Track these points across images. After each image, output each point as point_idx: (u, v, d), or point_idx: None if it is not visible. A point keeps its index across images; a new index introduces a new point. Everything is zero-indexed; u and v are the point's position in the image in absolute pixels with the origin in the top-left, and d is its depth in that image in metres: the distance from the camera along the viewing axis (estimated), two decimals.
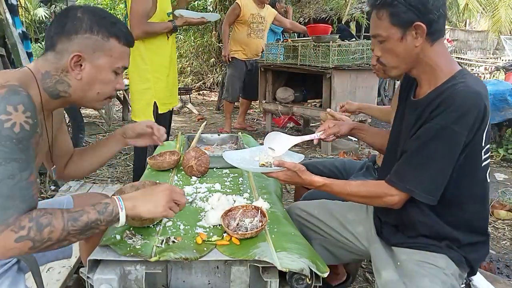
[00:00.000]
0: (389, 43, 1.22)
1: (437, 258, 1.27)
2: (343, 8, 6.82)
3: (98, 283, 1.08)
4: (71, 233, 0.99)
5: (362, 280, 2.24)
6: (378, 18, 1.22)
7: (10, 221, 0.92)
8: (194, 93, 7.98)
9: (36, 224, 0.94)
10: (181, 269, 1.18)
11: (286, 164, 1.32)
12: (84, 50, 1.09)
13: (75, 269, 1.84)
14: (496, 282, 1.62)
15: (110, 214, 1.04)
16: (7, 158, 0.92)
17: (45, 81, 1.10)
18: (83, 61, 1.10)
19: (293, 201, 2.13)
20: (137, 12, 2.64)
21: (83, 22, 1.09)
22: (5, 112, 0.92)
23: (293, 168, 1.32)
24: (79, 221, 1.00)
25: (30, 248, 0.95)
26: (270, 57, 4.69)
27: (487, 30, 15.82)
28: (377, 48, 1.27)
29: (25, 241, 0.93)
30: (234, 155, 1.51)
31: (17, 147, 0.93)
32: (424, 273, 1.23)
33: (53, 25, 1.12)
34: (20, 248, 0.94)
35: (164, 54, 2.86)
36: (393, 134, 1.43)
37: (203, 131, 2.22)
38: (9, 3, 3.16)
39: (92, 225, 1.02)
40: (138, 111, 2.86)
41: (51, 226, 0.96)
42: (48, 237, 0.96)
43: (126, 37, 1.17)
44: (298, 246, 1.22)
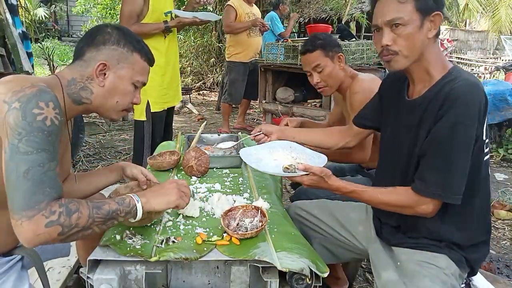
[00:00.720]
0: (408, 28, 1.19)
1: (438, 258, 1.27)
2: (343, 8, 6.82)
3: (98, 283, 1.08)
4: (96, 221, 1.04)
5: (362, 280, 2.24)
6: (400, 2, 1.18)
7: (41, 206, 0.96)
8: (194, 93, 7.98)
9: (65, 210, 0.98)
10: (181, 269, 1.18)
11: (313, 169, 1.26)
12: (109, 60, 1.19)
13: (75, 269, 1.84)
14: (496, 282, 1.62)
15: (128, 205, 1.11)
16: (39, 148, 0.97)
17: (70, 87, 1.17)
18: (108, 70, 1.19)
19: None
20: (123, 14, 2.69)
21: (112, 36, 1.20)
22: (38, 106, 0.98)
23: (320, 173, 1.26)
24: (102, 210, 1.05)
25: (59, 233, 0.98)
26: (270, 57, 4.68)
27: (487, 30, 15.83)
28: (388, 36, 1.22)
29: (55, 226, 0.97)
30: (251, 153, 1.45)
31: (47, 139, 0.99)
32: (424, 273, 1.23)
33: (83, 38, 1.23)
34: (50, 233, 0.96)
35: (160, 54, 2.85)
36: (388, 137, 1.42)
37: (203, 131, 2.22)
38: (9, 3, 3.16)
39: (113, 214, 1.07)
40: (135, 109, 2.86)
41: (79, 212, 1.00)
42: (76, 223, 1.00)
43: (148, 55, 1.27)
44: (298, 246, 1.22)
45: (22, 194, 0.95)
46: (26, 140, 0.96)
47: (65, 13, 14.46)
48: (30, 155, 0.96)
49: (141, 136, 2.90)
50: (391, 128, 1.41)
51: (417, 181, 1.23)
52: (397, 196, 1.26)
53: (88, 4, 9.74)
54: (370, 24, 8.25)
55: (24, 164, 0.95)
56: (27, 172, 0.95)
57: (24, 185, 0.95)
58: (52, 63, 5.73)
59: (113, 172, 1.48)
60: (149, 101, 2.85)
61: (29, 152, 0.96)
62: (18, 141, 0.95)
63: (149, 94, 2.83)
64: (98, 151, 4.26)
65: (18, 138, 0.96)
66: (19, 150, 0.95)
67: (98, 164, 3.88)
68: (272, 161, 1.43)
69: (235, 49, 4.87)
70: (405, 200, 1.24)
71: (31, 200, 0.95)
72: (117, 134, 5.04)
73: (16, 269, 1.17)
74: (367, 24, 7.55)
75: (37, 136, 0.97)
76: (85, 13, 10.18)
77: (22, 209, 0.94)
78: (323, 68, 1.91)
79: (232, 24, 4.66)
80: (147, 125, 2.89)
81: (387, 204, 1.28)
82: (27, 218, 0.94)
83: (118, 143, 4.65)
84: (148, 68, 1.29)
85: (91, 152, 4.22)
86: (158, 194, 1.19)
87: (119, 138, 4.87)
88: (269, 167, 1.39)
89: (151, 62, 1.29)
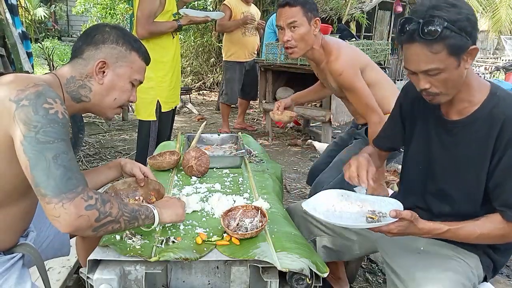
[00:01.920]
0: (445, 74, 1.14)
1: (470, 257, 1.29)
2: (343, 8, 6.81)
3: (98, 283, 1.08)
4: (124, 214, 1.08)
5: (362, 280, 2.24)
6: (432, 52, 1.11)
7: (79, 190, 0.98)
8: (194, 93, 7.98)
9: (100, 197, 1.02)
10: (181, 269, 1.18)
11: (403, 214, 1.16)
12: (108, 58, 1.21)
13: (75, 269, 1.84)
14: (496, 282, 1.62)
15: (146, 209, 1.16)
16: (58, 138, 0.99)
17: (69, 86, 1.19)
18: (107, 68, 1.21)
19: None
20: (143, 13, 2.67)
21: (110, 35, 1.22)
22: (47, 102, 1.00)
23: (411, 218, 1.16)
24: (128, 207, 1.10)
25: (96, 219, 1.00)
26: (270, 57, 4.68)
27: (487, 30, 15.82)
28: (424, 81, 1.17)
29: (94, 210, 0.99)
30: (317, 205, 1.30)
31: (62, 130, 1.01)
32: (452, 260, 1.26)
33: (82, 37, 1.24)
34: (89, 216, 0.99)
35: (169, 53, 2.89)
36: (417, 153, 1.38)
37: (203, 131, 2.22)
38: (9, 3, 3.16)
39: (136, 214, 1.12)
40: (141, 109, 2.91)
41: (110, 203, 1.04)
42: (109, 211, 1.03)
43: (145, 54, 1.29)
44: (298, 246, 1.22)
45: (59, 178, 0.96)
46: (44, 131, 0.97)
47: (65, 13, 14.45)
48: (52, 143, 0.97)
49: (147, 136, 2.90)
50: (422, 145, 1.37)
51: (505, 209, 1.19)
52: (493, 225, 1.21)
53: (88, 4, 9.72)
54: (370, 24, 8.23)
55: (50, 151, 0.97)
56: (56, 158, 0.97)
57: (57, 170, 0.96)
58: (52, 63, 5.72)
59: (112, 169, 1.49)
60: (160, 101, 2.87)
61: (50, 141, 0.97)
62: (35, 133, 0.96)
63: (159, 94, 2.86)
64: (98, 151, 4.26)
65: (34, 131, 0.96)
66: (39, 141, 0.96)
67: (98, 164, 3.88)
68: (338, 213, 1.30)
69: (230, 48, 4.85)
70: (502, 229, 1.20)
71: (69, 184, 0.97)
72: (117, 134, 5.03)
73: (17, 267, 1.18)
74: (367, 24, 7.55)
75: (54, 127, 0.98)
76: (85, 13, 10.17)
77: (61, 192, 0.96)
78: (298, 27, 1.83)
79: (223, 23, 4.64)
80: (154, 125, 2.90)
81: (486, 237, 1.23)
82: (69, 200, 0.96)
83: (118, 143, 4.64)
84: (145, 67, 1.31)
85: (91, 152, 4.22)
86: (167, 206, 1.24)
87: (119, 138, 4.87)
88: (348, 221, 1.25)
89: (147, 61, 1.31)
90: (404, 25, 1.14)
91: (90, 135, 4.83)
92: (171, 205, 1.25)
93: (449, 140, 1.29)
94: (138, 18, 2.69)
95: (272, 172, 1.90)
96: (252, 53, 4.95)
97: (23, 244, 1.22)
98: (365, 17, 7.10)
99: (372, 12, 7.88)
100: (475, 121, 1.22)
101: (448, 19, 1.08)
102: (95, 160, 4.02)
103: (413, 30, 1.11)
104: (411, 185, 1.44)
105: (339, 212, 1.30)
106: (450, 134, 1.28)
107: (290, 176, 3.82)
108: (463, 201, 1.29)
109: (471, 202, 1.27)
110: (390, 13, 8.34)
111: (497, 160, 1.19)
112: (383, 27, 8.42)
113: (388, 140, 1.56)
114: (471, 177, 1.25)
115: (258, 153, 2.19)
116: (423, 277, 1.23)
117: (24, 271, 1.20)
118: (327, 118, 4.34)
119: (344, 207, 1.32)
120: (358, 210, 1.30)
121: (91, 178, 1.45)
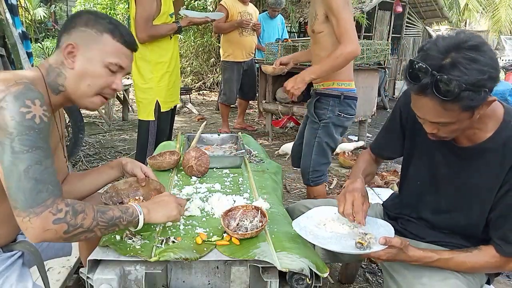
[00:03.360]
0: (456, 125, 1.08)
1: None
2: None
3: (98, 283, 1.08)
4: (99, 224, 1.05)
5: (362, 280, 2.24)
6: (445, 109, 1.02)
7: (48, 203, 0.97)
8: (194, 93, 7.98)
9: (72, 209, 1.00)
10: (181, 269, 1.18)
11: (393, 241, 1.15)
12: (78, 41, 1.15)
13: (75, 269, 1.84)
14: (496, 282, 1.62)
15: (131, 215, 1.13)
16: (33, 146, 0.97)
17: (49, 76, 1.16)
18: (77, 51, 1.15)
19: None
20: (141, 17, 2.68)
21: (81, 19, 1.18)
22: (25, 105, 0.97)
23: (400, 245, 1.15)
24: (106, 215, 1.07)
25: (65, 231, 0.99)
26: (270, 57, 4.68)
27: (487, 30, 15.83)
28: (432, 128, 1.12)
29: (62, 223, 0.98)
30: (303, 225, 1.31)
31: (39, 136, 0.98)
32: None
33: (62, 27, 1.21)
34: (57, 230, 0.98)
35: (167, 54, 2.91)
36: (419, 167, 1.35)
37: (203, 131, 2.22)
38: (9, 3, 3.15)
39: (116, 221, 1.09)
40: (141, 109, 2.94)
41: (84, 213, 1.02)
42: (81, 223, 1.01)
43: (123, 37, 1.19)
44: (298, 246, 1.21)
45: (28, 192, 0.95)
46: (19, 139, 0.95)
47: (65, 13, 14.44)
48: (26, 153, 0.96)
49: (146, 136, 2.94)
50: (425, 161, 1.33)
51: (502, 243, 1.17)
52: (485, 259, 1.20)
53: (88, 4, 9.73)
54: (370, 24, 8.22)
55: (22, 163, 0.95)
56: (28, 171, 0.96)
57: (27, 184, 0.95)
58: None
59: (114, 169, 1.48)
60: (158, 100, 2.89)
61: (25, 150, 0.96)
62: (10, 141, 0.95)
63: (158, 94, 2.88)
64: (98, 151, 4.26)
65: (10, 138, 0.95)
66: (14, 150, 0.95)
67: (98, 164, 3.88)
68: (328, 234, 1.30)
69: (227, 48, 4.86)
70: (494, 262, 1.19)
71: (38, 197, 0.96)
72: (117, 134, 5.04)
73: (18, 266, 1.18)
74: (367, 24, 7.55)
75: (30, 135, 0.97)
76: None
77: (29, 206, 0.95)
78: None
79: (219, 24, 4.66)
80: (153, 124, 2.93)
81: (477, 268, 1.23)
82: (35, 215, 0.95)
83: (118, 143, 4.64)
84: (124, 50, 1.20)
85: (91, 152, 4.22)
86: (158, 206, 1.21)
87: (119, 138, 4.87)
88: (337, 245, 1.23)
89: (128, 44, 1.20)
90: (414, 71, 1.03)
91: (90, 135, 4.83)
92: (163, 206, 1.21)
93: (457, 164, 1.23)
94: (137, 22, 2.70)
95: (272, 172, 1.90)
96: (250, 53, 4.96)
97: (22, 241, 1.22)
98: (365, 17, 7.10)
99: (372, 12, 7.88)
100: (486, 150, 1.16)
101: (467, 82, 0.97)
102: (95, 160, 4.02)
103: (426, 84, 1.00)
104: (409, 198, 1.43)
105: (329, 233, 1.30)
106: (459, 158, 1.23)
107: (290, 176, 3.82)
108: (463, 223, 1.27)
109: (472, 228, 1.26)
110: (390, 13, 8.33)
111: (504, 191, 1.15)
112: (383, 27, 8.42)
113: (388, 150, 1.51)
114: (475, 204, 1.22)
115: (258, 153, 2.19)
116: (420, 284, 1.22)
117: (24, 270, 1.20)
118: None
119: (334, 227, 1.31)
120: (349, 232, 1.29)
121: (93, 178, 1.45)
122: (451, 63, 0.98)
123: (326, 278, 1.51)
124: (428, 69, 1.00)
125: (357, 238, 1.21)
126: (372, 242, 1.19)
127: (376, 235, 1.21)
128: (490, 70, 0.99)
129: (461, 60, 0.97)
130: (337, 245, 1.22)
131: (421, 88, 1.02)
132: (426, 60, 1.02)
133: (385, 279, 1.37)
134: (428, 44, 1.05)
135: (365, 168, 1.53)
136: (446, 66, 0.98)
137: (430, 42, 1.05)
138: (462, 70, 0.97)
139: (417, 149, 1.35)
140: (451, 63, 0.98)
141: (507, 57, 13.97)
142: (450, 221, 1.30)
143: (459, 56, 0.98)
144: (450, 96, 0.98)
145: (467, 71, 0.97)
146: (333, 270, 2.26)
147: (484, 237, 1.25)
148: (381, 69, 5.30)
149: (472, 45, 0.99)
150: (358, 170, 1.51)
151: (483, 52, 0.99)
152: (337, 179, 3.72)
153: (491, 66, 0.99)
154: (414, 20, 8.98)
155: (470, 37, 1.01)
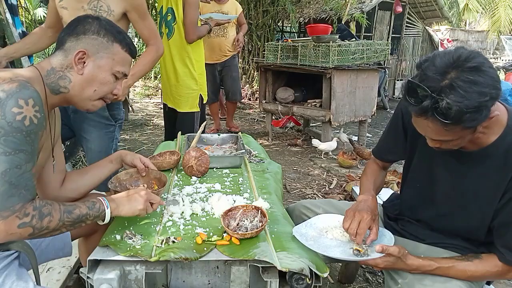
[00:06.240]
0: (459, 140, 1.07)
1: None
2: (343, 8, 6.81)
3: (98, 283, 1.08)
4: (65, 223, 1.10)
5: (362, 280, 2.24)
6: (446, 130, 1.01)
7: (16, 208, 1.00)
8: None
9: (38, 213, 1.03)
10: (181, 269, 1.18)
11: (390, 250, 1.15)
12: (89, 49, 1.19)
13: (75, 269, 1.84)
14: (496, 282, 1.62)
15: (98, 210, 1.17)
16: (17, 149, 0.98)
17: (49, 77, 1.18)
18: (87, 58, 1.19)
19: None
20: (192, 21, 3.00)
21: (92, 26, 1.21)
22: (17, 105, 0.98)
23: (398, 254, 1.16)
24: (73, 214, 1.11)
25: (30, 234, 1.03)
26: (270, 57, 4.69)
27: (487, 30, 15.84)
28: (434, 143, 1.12)
29: (27, 227, 1.02)
30: (304, 232, 1.31)
31: (25, 139, 1.00)
32: None
33: (65, 28, 1.23)
34: (21, 233, 1.02)
35: (202, 53, 3.25)
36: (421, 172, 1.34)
37: (203, 131, 2.22)
38: (9, 3, 3.15)
39: (82, 218, 1.14)
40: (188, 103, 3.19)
41: (50, 216, 1.06)
42: (46, 226, 1.05)
43: (129, 47, 1.26)
44: (298, 246, 1.22)
45: (0, 195, 0.97)
46: (5, 140, 0.96)
47: None
48: (8, 156, 0.97)
49: (192, 124, 3.21)
50: (424, 164, 1.33)
51: (505, 251, 1.15)
52: (486, 268, 1.19)
53: None
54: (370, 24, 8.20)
55: (2, 165, 0.97)
56: (5, 174, 0.97)
57: (2, 186, 0.97)
58: None
59: (113, 162, 1.53)
60: (202, 95, 3.22)
61: (7, 152, 0.97)
62: None
63: (202, 89, 3.23)
64: None
65: None
66: None
67: None
68: (328, 241, 1.31)
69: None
70: (496, 272, 1.18)
71: (8, 202, 0.98)
72: None
73: (14, 266, 1.17)
74: (367, 24, 7.54)
75: (16, 137, 0.98)
76: None
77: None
78: None
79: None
80: (197, 115, 3.23)
81: (477, 277, 1.21)
82: (2, 218, 0.98)
83: (118, 143, 4.64)
84: (129, 59, 1.28)
85: None
86: (126, 201, 1.24)
87: (119, 138, 4.87)
88: (335, 251, 1.24)
89: (132, 53, 1.28)
90: (414, 93, 1.01)
91: None
92: (132, 200, 1.24)
93: (458, 168, 1.22)
94: (188, 25, 2.99)
95: (272, 172, 1.90)
96: (223, 55, 4.81)
97: (19, 241, 1.21)
98: (365, 17, 7.10)
99: (372, 12, 7.87)
100: (489, 155, 1.15)
101: (468, 106, 0.94)
102: None
103: (426, 107, 0.98)
104: (409, 200, 1.42)
105: (330, 240, 1.31)
106: (460, 162, 1.21)
107: (290, 176, 3.82)
108: (462, 227, 1.27)
109: (472, 231, 1.26)
110: (390, 13, 8.33)
111: (506, 199, 1.14)
112: (383, 27, 8.42)
113: (391, 153, 1.50)
114: (474, 209, 1.21)
115: (258, 153, 2.20)
116: (421, 285, 1.21)
117: (22, 270, 1.19)
118: (327, 118, 4.34)
119: (336, 234, 1.33)
120: (350, 239, 1.30)
121: (93, 173, 1.50)
122: (451, 85, 0.96)
123: (326, 278, 1.52)
124: (428, 92, 0.97)
125: (354, 245, 1.23)
126: (370, 249, 1.20)
127: (376, 243, 1.22)
128: (491, 91, 0.96)
129: (461, 84, 0.95)
130: (335, 252, 1.24)
131: (421, 111, 1.01)
132: (424, 81, 0.99)
133: (385, 279, 1.37)
134: (426, 62, 1.02)
135: (375, 180, 1.51)
136: (445, 89, 0.96)
137: (428, 61, 1.02)
138: (462, 94, 0.94)
139: (418, 152, 1.35)
140: (451, 86, 0.96)
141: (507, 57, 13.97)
142: (449, 224, 1.30)
143: (459, 78, 0.96)
144: (451, 120, 0.97)
145: (467, 95, 0.94)
146: (333, 270, 2.26)
147: (487, 240, 1.24)
148: (381, 69, 5.29)
149: (472, 67, 0.96)
150: (369, 184, 1.49)
151: (483, 73, 0.96)
152: (337, 179, 3.72)
153: (492, 87, 0.96)
154: (414, 20, 8.98)
155: (469, 57, 0.98)
